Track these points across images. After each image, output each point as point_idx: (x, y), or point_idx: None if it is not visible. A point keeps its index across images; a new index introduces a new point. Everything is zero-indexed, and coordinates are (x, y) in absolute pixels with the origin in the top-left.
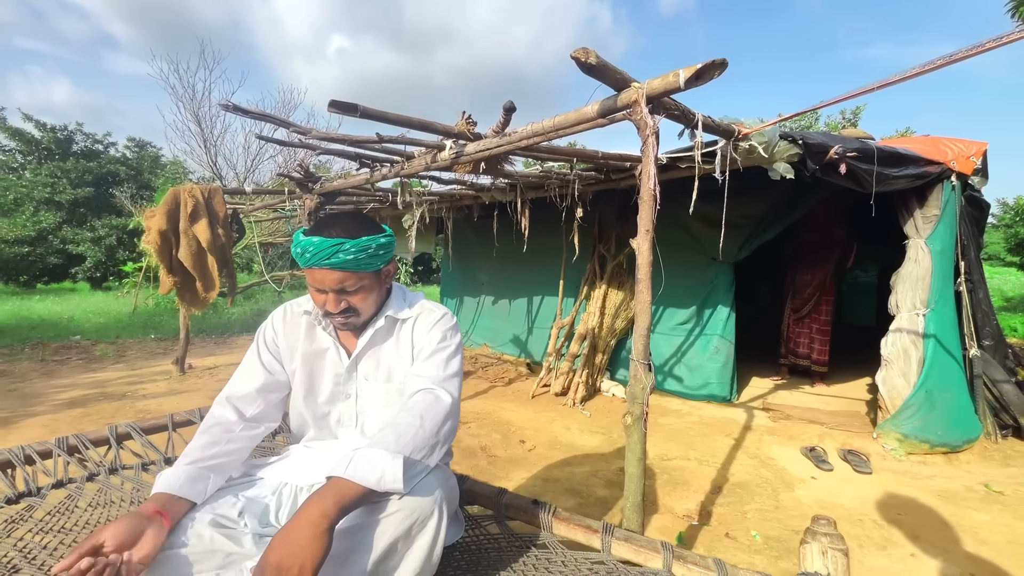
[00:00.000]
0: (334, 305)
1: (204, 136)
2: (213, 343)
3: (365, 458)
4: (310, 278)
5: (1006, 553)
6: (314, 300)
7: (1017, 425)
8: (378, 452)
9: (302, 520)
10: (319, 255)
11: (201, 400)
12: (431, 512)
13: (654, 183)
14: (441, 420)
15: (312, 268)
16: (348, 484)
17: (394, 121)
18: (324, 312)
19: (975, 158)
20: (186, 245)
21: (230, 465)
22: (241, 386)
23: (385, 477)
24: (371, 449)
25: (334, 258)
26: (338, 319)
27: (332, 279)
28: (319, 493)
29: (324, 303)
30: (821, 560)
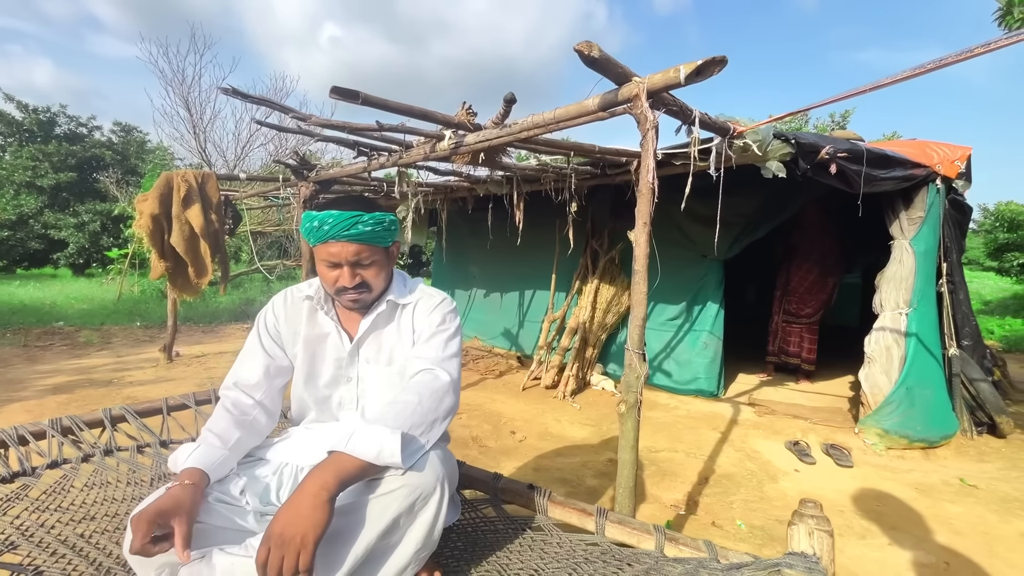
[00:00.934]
0: (349, 279)
1: (193, 121)
2: (201, 332)
3: (365, 434)
4: (323, 253)
5: (979, 543)
6: (324, 279)
7: (992, 422)
8: (377, 428)
9: (303, 492)
10: (338, 226)
11: (190, 388)
12: (433, 488)
13: (653, 176)
14: (439, 397)
15: (328, 242)
16: (348, 458)
17: (395, 109)
18: (336, 289)
19: (959, 162)
20: (179, 230)
21: (246, 448)
22: (247, 372)
23: (384, 451)
24: (371, 426)
25: (353, 229)
26: (350, 295)
27: (349, 251)
28: (320, 467)
29: (337, 279)
30: (807, 541)
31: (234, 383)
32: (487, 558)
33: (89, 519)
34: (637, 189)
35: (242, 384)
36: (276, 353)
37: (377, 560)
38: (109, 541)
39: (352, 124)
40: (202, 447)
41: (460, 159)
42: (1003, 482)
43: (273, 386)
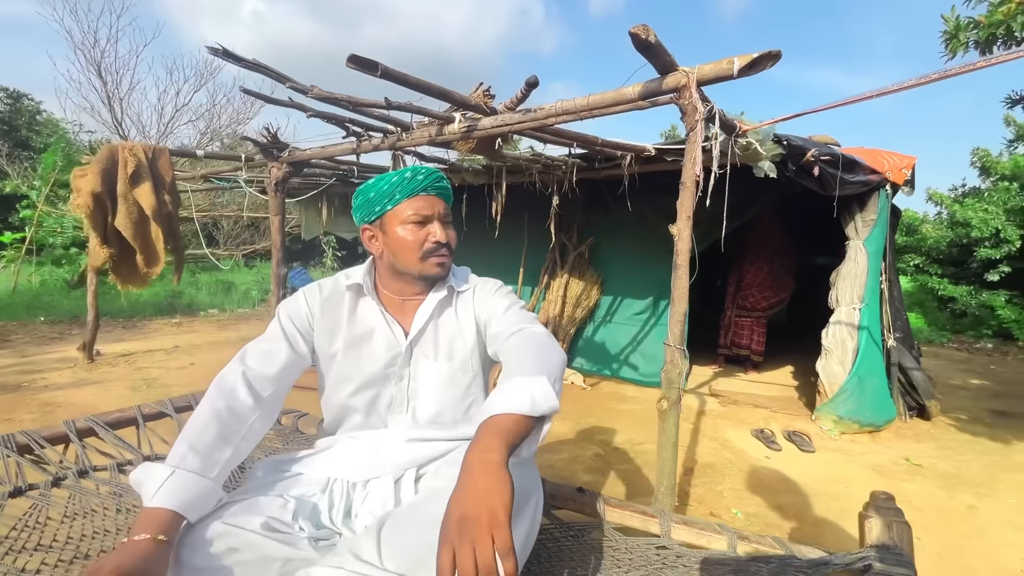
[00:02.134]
0: (444, 234)
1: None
2: (121, 327)
3: (505, 391)
4: (411, 208)
5: (936, 518)
6: (408, 243)
7: (921, 406)
8: (516, 380)
9: (471, 468)
10: (431, 177)
11: (121, 391)
12: (534, 489)
13: (700, 168)
14: (550, 345)
15: (418, 195)
16: (500, 419)
17: (414, 85)
18: (427, 250)
19: (906, 170)
20: (125, 211)
21: (229, 470)
22: (263, 364)
23: (537, 398)
24: (506, 384)
25: (441, 183)
26: (441, 255)
27: (440, 205)
28: (474, 440)
29: (426, 238)
30: (887, 533)
31: (243, 372)
32: (557, 568)
33: (82, 558)
34: (682, 184)
35: (256, 374)
36: (301, 350)
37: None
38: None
39: (357, 99)
40: (178, 475)
41: (465, 145)
42: (940, 460)
43: (284, 386)
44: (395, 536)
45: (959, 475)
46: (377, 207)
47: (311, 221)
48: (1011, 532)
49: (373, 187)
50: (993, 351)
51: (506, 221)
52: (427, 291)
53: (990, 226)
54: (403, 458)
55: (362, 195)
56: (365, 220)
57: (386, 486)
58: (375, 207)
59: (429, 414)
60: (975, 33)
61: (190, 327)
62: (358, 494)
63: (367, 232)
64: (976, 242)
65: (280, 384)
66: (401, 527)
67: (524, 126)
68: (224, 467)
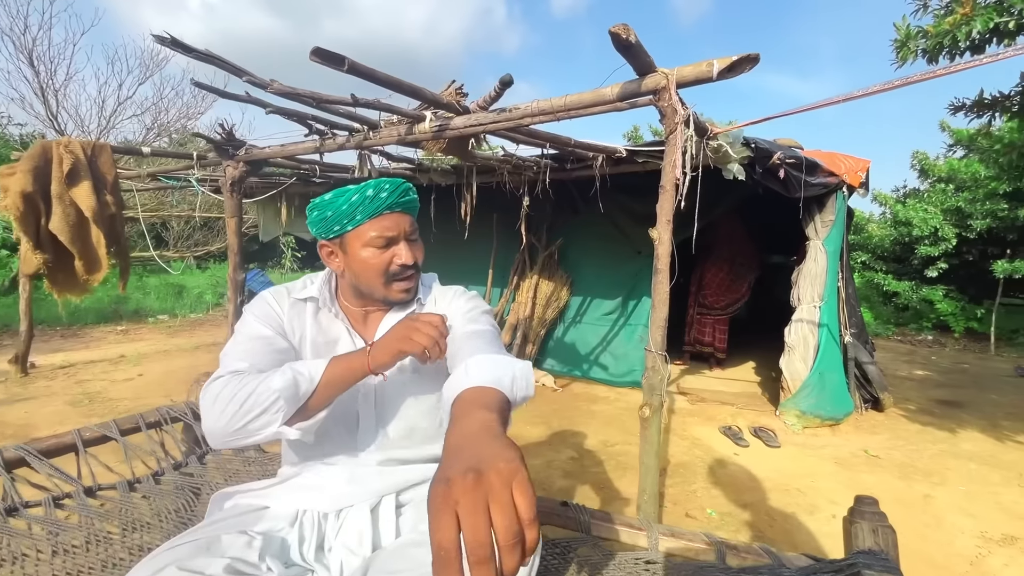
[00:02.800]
0: (410, 255)
1: (41, 82)
2: (59, 336)
3: (480, 364)
4: (374, 230)
5: (895, 509)
6: (371, 266)
7: (875, 399)
8: (492, 357)
9: (468, 431)
10: (396, 193)
11: (60, 407)
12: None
13: (679, 172)
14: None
15: (382, 215)
16: (484, 392)
17: (382, 81)
18: (391, 273)
19: (861, 173)
20: (61, 213)
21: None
22: (252, 364)
23: (516, 378)
24: (475, 359)
25: (406, 197)
26: (406, 280)
27: (406, 222)
28: (462, 412)
29: (391, 260)
30: (872, 538)
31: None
32: None
33: None
34: (661, 187)
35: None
36: (285, 347)
37: None
38: None
39: (321, 95)
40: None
41: (435, 145)
42: (895, 451)
43: None
44: None
45: (913, 465)
46: (336, 227)
47: (269, 222)
48: (964, 519)
49: (330, 205)
50: (933, 342)
51: (475, 222)
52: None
53: (929, 225)
54: (378, 484)
55: (318, 211)
56: (323, 236)
57: (362, 515)
58: (333, 226)
59: (401, 430)
60: (924, 42)
61: (137, 335)
62: (331, 526)
63: (325, 248)
64: (917, 240)
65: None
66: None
67: (499, 126)
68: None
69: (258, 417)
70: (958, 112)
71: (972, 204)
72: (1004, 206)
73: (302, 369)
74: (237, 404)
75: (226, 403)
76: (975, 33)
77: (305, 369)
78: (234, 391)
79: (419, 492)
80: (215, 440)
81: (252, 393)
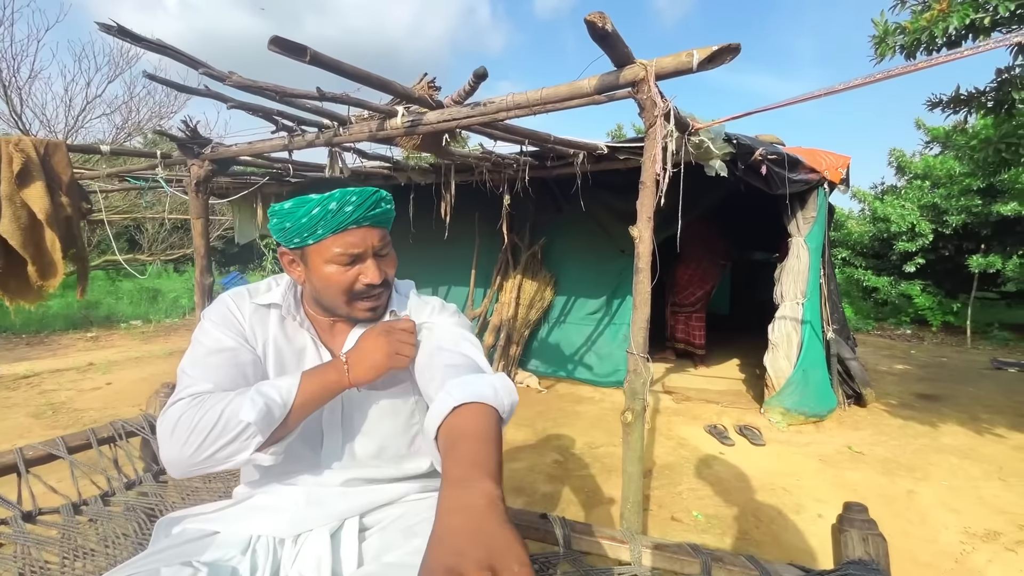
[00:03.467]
0: (377, 274)
1: (3, 80)
2: (24, 344)
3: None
4: (338, 246)
5: (881, 505)
6: (335, 283)
7: (858, 394)
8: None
9: (475, 510)
10: (364, 206)
11: (20, 419)
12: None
13: (660, 167)
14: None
15: (348, 229)
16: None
17: (348, 73)
18: (355, 292)
19: (842, 169)
20: (11, 216)
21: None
22: (214, 381)
23: (499, 389)
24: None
25: (377, 209)
26: (372, 299)
27: (375, 237)
28: (453, 477)
29: (356, 279)
30: (863, 546)
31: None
32: None
33: None
34: (641, 183)
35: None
36: (249, 359)
37: None
38: None
39: (285, 88)
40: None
41: (409, 142)
42: (878, 446)
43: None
44: None
45: (896, 460)
46: (296, 239)
47: (245, 223)
48: (947, 515)
49: (290, 215)
50: (911, 337)
51: (457, 222)
52: None
53: (907, 221)
54: (340, 506)
55: (277, 219)
56: (283, 244)
57: (321, 541)
58: (293, 238)
59: (370, 449)
60: (902, 38)
61: (108, 341)
62: (287, 553)
63: (286, 256)
64: (895, 236)
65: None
66: None
67: (473, 121)
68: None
69: (227, 446)
70: (935, 108)
71: (948, 200)
72: (978, 202)
73: (273, 394)
74: (201, 433)
75: (188, 432)
76: (951, 29)
77: (276, 394)
78: (196, 418)
79: (385, 514)
80: (176, 470)
81: (218, 420)
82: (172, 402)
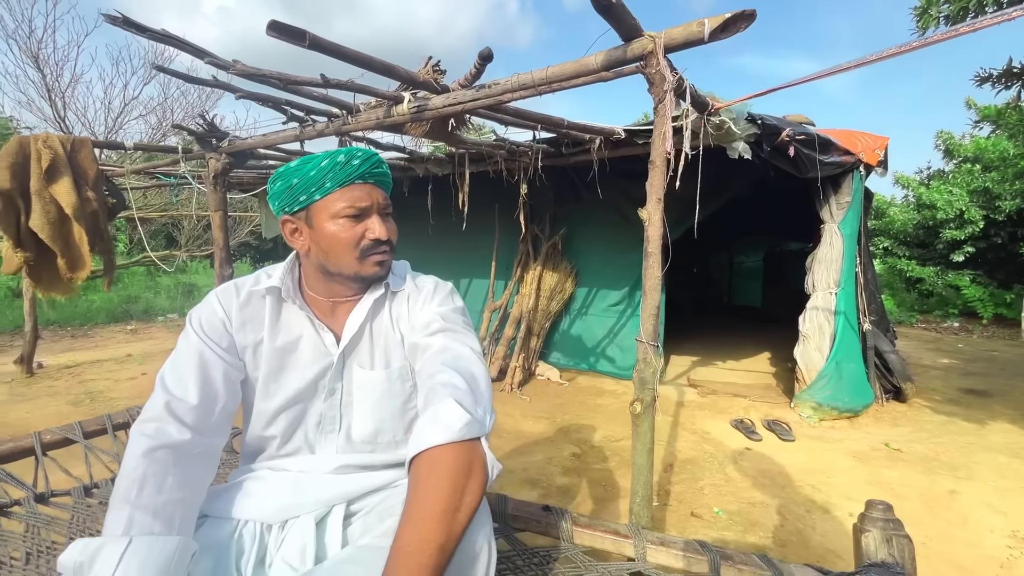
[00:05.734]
0: (384, 230)
1: (47, 84)
2: (70, 336)
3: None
4: (345, 200)
5: (919, 505)
6: (342, 240)
7: (897, 389)
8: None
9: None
10: (369, 162)
11: (60, 407)
12: (479, 551)
13: (670, 145)
14: (476, 363)
15: (354, 184)
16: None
17: (350, 57)
18: (365, 248)
19: (879, 151)
20: (41, 211)
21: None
22: (184, 391)
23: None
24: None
25: (380, 168)
26: (380, 253)
27: (379, 194)
28: (396, 546)
29: (364, 233)
30: (886, 548)
31: (165, 406)
32: None
33: None
34: (651, 163)
35: (178, 408)
36: (231, 361)
37: None
38: None
39: (289, 76)
40: (137, 542)
41: (417, 128)
42: (918, 443)
43: (223, 410)
44: None
45: (938, 458)
46: (302, 196)
47: (271, 217)
48: (993, 517)
49: (297, 171)
50: (959, 330)
51: (477, 213)
52: (362, 292)
53: (954, 207)
54: (329, 492)
55: (282, 179)
56: (285, 210)
57: (306, 528)
58: (299, 196)
59: (366, 433)
60: (947, 7)
61: (146, 334)
62: (273, 538)
63: (289, 224)
64: (942, 224)
65: (215, 404)
66: None
67: (478, 104)
68: (186, 512)
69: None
70: (984, 83)
71: (1000, 184)
72: None
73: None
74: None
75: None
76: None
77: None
78: (126, 470)
79: (372, 500)
80: None
81: (123, 476)
82: (146, 417)
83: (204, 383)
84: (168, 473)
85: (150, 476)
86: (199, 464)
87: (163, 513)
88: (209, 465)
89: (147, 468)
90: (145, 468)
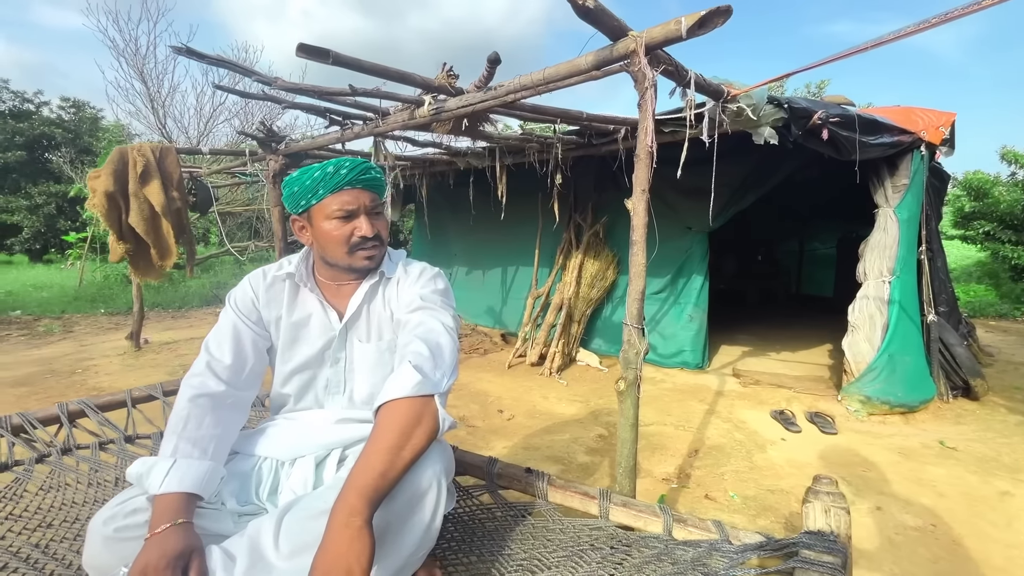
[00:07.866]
0: (371, 228)
1: (151, 95)
2: (171, 317)
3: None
4: (336, 203)
5: (962, 504)
6: (334, 238)
7: (967, 386)
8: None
9: (333, 527)
10: (356, 170)
11: (160, 376)
12: (429, 486)
13: (652, 140)
14: (446, 336)
15: (342, 190)
16: (364, 463)
17: (368, 70)
18: (353, 244)
19: (944, 128)
20: (137, 209)
21: (226, 451)
22: (221, 353)
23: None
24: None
25: (367, 175)
26: (369, 249)
27: (366, 198)
28: (338, 500)
29: (352, 232)
30: (824, 518)
31: (207, 365)
32: (487, 548)
33: (45, 526)
34: (636, 156)
35: (216, 367)
36: (259, 331)
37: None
38: (68, 550)
39: (321, 88)
40: (180, 464)
41: (441, 127)
42: (979, 443)
43: (252, 370)
44: (291, 521)
45: (998, 459)
46: (303, 201)
47: None
48: None
49: (297, 181)
50: None
51: (519, 203)
52: (361, 278)
53: None
54: (329, 439)
55: (287, 187)
56: (293, 211)
57: (308, 466)
58: (300, 200)
59: (364, 394)
60: None
61: None
62: (285, 472)
63: (297, 223)
64: None
65: (248, 369)
66: (298, 512)
67: (487, 104)
68: (219, 445)
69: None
70: None
71: None
72: None
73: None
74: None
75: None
76: None
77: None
78: (172, 418)
79: (361, 447)
80: None
81: (173, 415)
82: (193, 372)
83: (237, 348)
84: (206, 415)
85: (192, 416)
86: (231, 411)
87: (200, 444)
88: (240, 413)
89: (191, 410)
90: (189, 410)
